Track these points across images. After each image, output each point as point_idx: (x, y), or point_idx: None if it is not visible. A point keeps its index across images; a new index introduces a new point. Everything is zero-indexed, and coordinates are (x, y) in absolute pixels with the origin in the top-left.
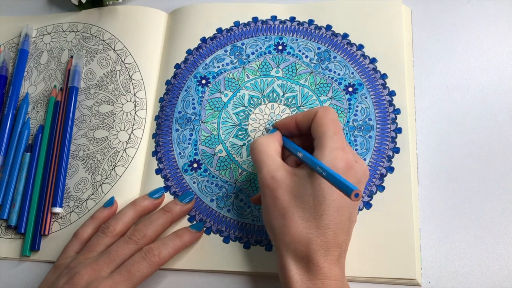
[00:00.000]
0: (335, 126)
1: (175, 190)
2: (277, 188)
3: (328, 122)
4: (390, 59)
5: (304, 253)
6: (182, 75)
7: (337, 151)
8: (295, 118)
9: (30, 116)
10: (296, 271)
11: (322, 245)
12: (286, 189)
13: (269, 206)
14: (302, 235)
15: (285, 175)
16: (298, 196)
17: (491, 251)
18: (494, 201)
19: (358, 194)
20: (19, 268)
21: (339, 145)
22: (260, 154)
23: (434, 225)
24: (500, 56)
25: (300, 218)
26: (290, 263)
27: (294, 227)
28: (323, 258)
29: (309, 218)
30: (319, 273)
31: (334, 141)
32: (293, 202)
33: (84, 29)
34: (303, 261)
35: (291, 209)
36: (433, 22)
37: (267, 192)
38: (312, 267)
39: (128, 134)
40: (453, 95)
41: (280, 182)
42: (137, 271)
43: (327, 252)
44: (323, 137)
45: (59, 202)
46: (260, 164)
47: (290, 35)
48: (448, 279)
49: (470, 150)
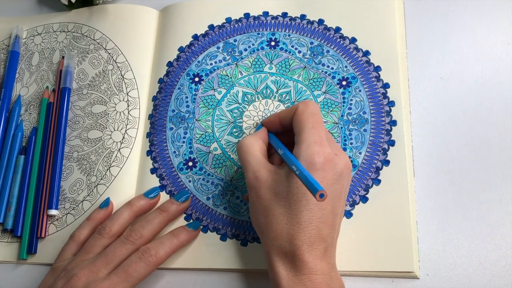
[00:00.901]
0: (314, 120)
1: (170, 189)
2: (260, 188)
3: (306, 117)
4: (383, 52)
5: (288, 249)
6: (175, 73)
7: (314, 145)
8: (278, 116)
9: (23, 118)
10: (282, 267)
11: (305, 240)
12: (268, 188)
13: (254, 205)
14: (284, 231)
15: (267, 174)
16: (278, 194)
17: (489, 242)
18: (491, 191)
19: (323, 194)
20: (16, 271)
21: (316, 139)
22: (245, 155)
23: (431, 217)
24: (494, 46)
25: (281, 214)
26: (276, 259)
27: (276, 223)
28: (308, 253)
29: (290, 214)
30: (305, 268)
31: (312, 135)
32: (274, 199)
33: (74, 29)
34: (288, 257)
35: (272, 206)
36: (426, 13)
37: (252, 192)
38: (297, 262)
39: (122, 134)
40: (447, 86)
41: (262, 181)
42: (134, 271)
43: (311, 246)
44: (302, 131)
45: (55, 204)
46: (245, 164)
47: (282, 31)
48: (446, 270)
49: (466, 141)
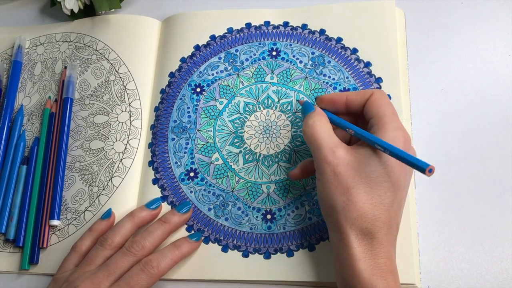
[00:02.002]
0: (392, 108)
1: (172, 200)
2: (339, 164)
3: (386, 103)
4: (384, 63)
5: (369, 230)
6: (177, 83)
7: (398, 130)
8: (346, 96)
9: (25, 128)
10: (359, 249)
11: (386, 223)
12: (349, 165)
13: (330, 182)
14: (368, 211)
15: (346, 152)
16: (362, 173)
17: (490, 254)
18: (492, 203)
19: (432, 169)
20: (18, 281)
21: (399, 125)
22: (319, 132)
23: (432, 229)
24: (494, 58)
25: (365, 193)
26: (354, 240)
27: (360, 202)
28: (386, 236)
29: (374, 194)
30: (383, 251)
31: (394, 121)
32: (357, 177)
33: (77, 39)
34: (367, 238)
35: (356, 184)
36: (427, 24)
37: (328, 168)
38: (376, 244)
39: (124, 145)
40: (448, 98)
41: (341, 158)
42: (136, 283)
43: (389, 230)
44: (384, 116)
45: (57, 215)
46: (319, 141)
47: (283, 41)
48: (447, 283)
49: (466, 153)
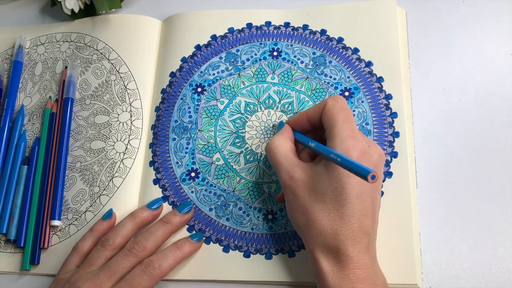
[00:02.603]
0: (345, 114)
1: (173, 200)
2: (296, 187)
3: (337, 111)
4: (386, 62)
5: (332, 245)
6: (178, 83)
7: (348, 139)
8: (305, 114)
9: (26, 128)
10: (326, 263)
11: (349, 234)
12: (305, 186)
13: (292, 205)
14: (327, 228)
15: (302, 172)
16: (317, 191)
17: (492, 254)
18: (494, 203)
19: (374, 176)
20: (19, 282)
21: (349, 133)
22: (277, 156)
23: (434, 229)
24: (496, 56)
25: (322, 211)
26: (320, 256)
27: (317, 220)
28: (352, 247)
29: (331, 210)
30: (350, 262)
31: (344, 129)
32: (313, 197)
33: (77, 39)
34: (332, 253)
35: (312, 203)
36: (428, 23)
37: (288, 191)
38: (342, 257)
39: (125, 145)
40: (450, 97)
41: (298, 180)
42: (138, 284)
43: (355, 240)
44: (334, 126)
45: (58, 215)
46: (277, 165)
47: (285, 41)
48: (449, 283)
49: (468, 152)
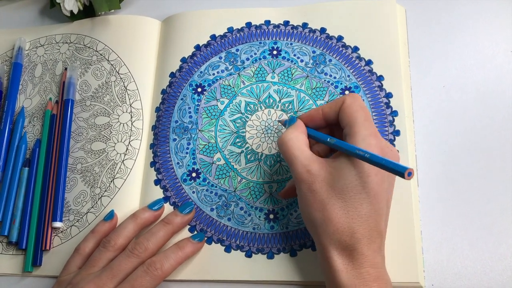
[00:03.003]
0: (365, 113)
1: (174, 201)
2: (314, 182)
3: (357, 109)
4: (386, 61)
5: (348, 243)
6: (178, 83)
7: (370, 137)
8: (321, 110)
9: (26, 130)
10: (340, 261)
11: (365, 234)
12: (324, 181)
13: (308, 200)
14: (345, 225)
15: (320, 168)
16: (336, 187)
17: (494, 252)
18: (495, 200)
19: (411, 172)
20: (21, 284)
21: (371, 131)
22: (291, 149)
23: (436, 227)
24: (496, 54)
25: (341, 208)
26: (334, 253)
27: (336, 217)
28: (367, 246)
29: (350, 208)
30: (364, 261)
31: (366, 127)
32: (331, 193)
33: (77, 40)
34: (347, 251)
35: (330, 200)
36: (428, 21)
37: (304, 186)
38: (357, 256)
39: (126, 146)
40: (450, 95)
41: (316, 175)
42: (140, 285)
43: (370, 240)
44: (355, 124)
45: (59, 217)
46: (292, 159)
47: (284, 40)
48: (451, 281)
49: (469, 150)
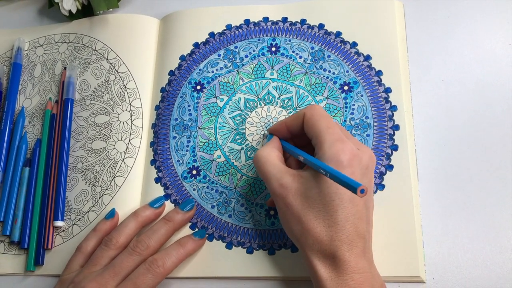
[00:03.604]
0: (326, 120)
1: (175, 198)
2: (287, 195)
3: (318, 119)
4: (384, 56)
5: (328, 251)
6: (177, 81)
7: (336, 143)
8: (284, 123)
9: (26, 130)
10: (324, 270)
11: (344, 239)
12: (297, 193)
13: (285, 213)
14: (322, 234)
15: (292, 180)
16: (309, 197)
17: (494, 245)
18: (495, 194)
19: (363, 190)
20: (24, 283)
21: (336, 137)
22: (265, 165)
23: (436, 221)
24: (495, 48)
25: (316, 218)
26: (317, 263)
27: (313, 228)
28: (348, 252)
29: (325, 216)
30: (347, 268)
31: (330, 134)
32: (305, 204)
33: (76, 40)
34: (329, 259)
35: (305, 212)
36: (427, 16)
37: (280, 201)
38: (339, 263)
39: (126, 144)
40: (449, 89)
41: (288, 188)
42: (142, 283)
43: (351, 245)
44: (319, 134)
45: (61, 216)
46: (266, 175)
47: (283, 36)
48: (452, 274)
49: (469, 144)
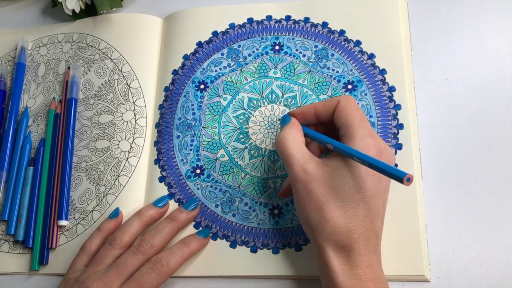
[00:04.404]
0: (360, 114)
1: (179, 197)
2: (310, 181)
3: (353, 110)
4: (388, 54)
5: (344, 243)
6: (180, 81)
7: (367, 138)
8: (314, 108)
9: (30, 129)
10: (337, 262)
11: (362, 234)
12: (320, 181)
13: (304, 200)
14: (342, 225)
15: (317, 167)
16: (333, 187)
17: (498, 243)
18: (499, 192)
19: (410, 178)
20: (28, 282)
21: (368, 132)
22: (288, 148)
23: (440, 220)
24: (499, 46)
25: (338, 208)
26: (331, 253)
27: (333, 217)
28: (364, 246)
29: (347, 207)
30: (361, 261)
31: (363, 128)
32: (328, 193)
33: (79, 39)
34: (344, 251)
35: (327, 200)
36: (430, 14)
37: (300, 186)
38: (354, 256)
39: (130, 143)
40: (453, 88)
41: (312, 174)
42: (146, 282)
43: (367, 240)
44: (351, 125)
45: (65, 215)
46: (289, 158)
47: (286, 35)
48: (457, 273)
49: (472, 142)
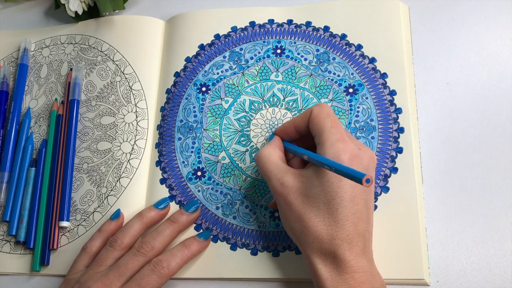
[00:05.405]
0: (332, 120)
1: (180, 199)
2: (288, 193)
3: (324, 117)
4: (389, 58)
5: (328, 250)
6: (182, 83)
7: (337, 143)
8: (292, 123)
9: (33, 130)
10: (324, 269)
11: (344, 238)
12: (297, 192)
13: (285, 212)
14: (323, 233)
15: (293, 179)
16: (309, 196)
17: (498, 248)
18: (500, 197)
19: (369, 179)
20: (29, 283)
21: (338, 137)
22: (266, 165)
23: (440, 224)
24: (500, 50)
25: (316, 216)
26: (317, 261)
27: (313, 226)
28: (348, 251)
29: (325, 214)
30: (347, 267)
31: (333, 134)
32: (306, 202)
33: (82, 41)
34: (329, 258)
35: (305, 210)
36: (432, 18)
37: (280, 199)
38: (339, 262)
39: (131, 145)
40: (454, 92)
41: (289, 187)
42: (147, 284)
43: (351, 244)
44: (322, 132)
45: (66, 216)
46: (267, 174)
47: (288, 38)
48: (456, 277)
49: (473, 147)
